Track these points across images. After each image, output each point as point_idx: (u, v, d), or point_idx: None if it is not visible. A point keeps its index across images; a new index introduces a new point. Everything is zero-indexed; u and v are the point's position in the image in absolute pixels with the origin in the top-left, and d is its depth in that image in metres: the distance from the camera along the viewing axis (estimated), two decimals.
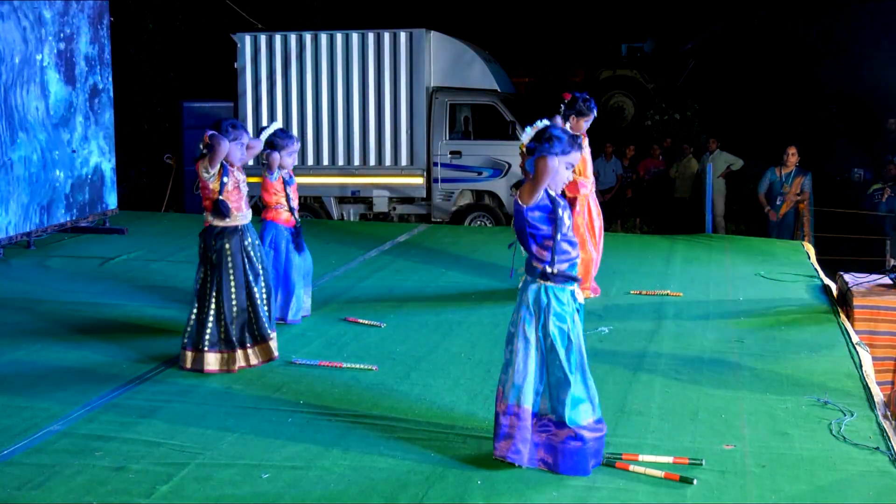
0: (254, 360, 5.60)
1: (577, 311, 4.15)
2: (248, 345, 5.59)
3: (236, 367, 5.51)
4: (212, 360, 5.49)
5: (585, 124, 7.19)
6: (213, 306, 5.51)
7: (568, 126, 7.11)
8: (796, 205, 10.94)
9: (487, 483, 4.00)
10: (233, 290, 5.53)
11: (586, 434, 4.04)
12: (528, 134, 4.11)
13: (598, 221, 7.42)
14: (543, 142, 4.02)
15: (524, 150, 4.14)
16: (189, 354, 5.53)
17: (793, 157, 11.05)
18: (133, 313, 6.93)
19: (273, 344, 5.68)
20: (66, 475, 4.08)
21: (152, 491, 3.92)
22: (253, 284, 5.58)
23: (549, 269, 4.03)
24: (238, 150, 5.58)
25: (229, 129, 5.51)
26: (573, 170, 4.21)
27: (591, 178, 7.39)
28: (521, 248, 4.14)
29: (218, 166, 5.47)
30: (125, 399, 5.07)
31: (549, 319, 4.04)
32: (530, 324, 4.08)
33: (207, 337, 5.48)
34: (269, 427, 4.64)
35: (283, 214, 6.51)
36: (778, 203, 11.04)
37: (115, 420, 4.74)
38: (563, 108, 7.14)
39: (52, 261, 8.93)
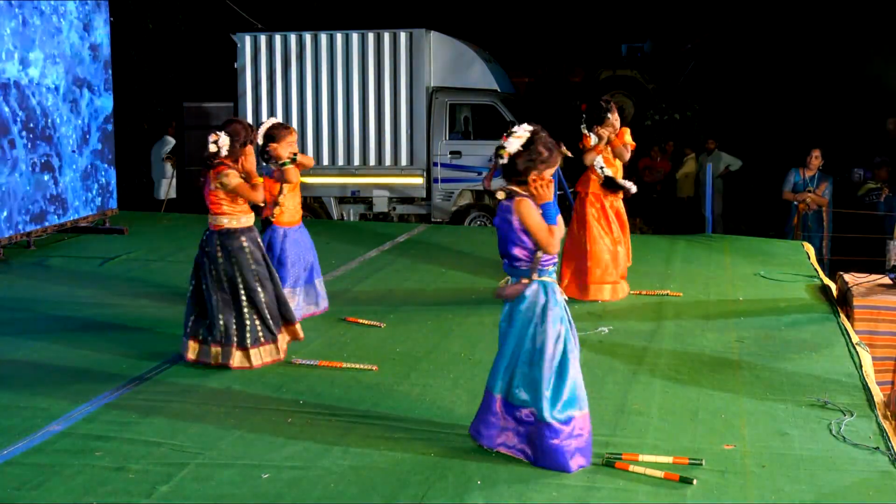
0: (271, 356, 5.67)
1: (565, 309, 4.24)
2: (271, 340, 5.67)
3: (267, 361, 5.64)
4: (260, 354, 5.62)
5: (610, 128, 7.31)
6: (244, 304, 5.57)
7: (594, 137, 7.27)
8: (820, 208, 10.93)
9: (487, 483, 4.00)
10: (259, 286, 5.60)
11: (564, 431, 4.07)
12: (512, 143, 4.11)
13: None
14: (528, 153, 4.08)
15: (505, 156, 4.14)
16: (237, 353, 5.57)
17: (816, 160, 11.00)
18: (133, 313, 6.93)
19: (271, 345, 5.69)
20: (66, 475, 4.08)
21: (152, 491, 3.92)
22: (265, 283, 5.64)
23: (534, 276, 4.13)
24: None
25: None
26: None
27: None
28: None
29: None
30: (125, 399, 5.07)
31: (547, 315, 4.09)
32: (522, 316, 4.13)
33: (255, 333, 5.58)
34: (269, 427, 4.64)
35: (285, 216, 6.51)
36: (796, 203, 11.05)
37: (115, 420, 4.74)
38: (583, 121, 7.30)
39: (52, 261, 8.93)
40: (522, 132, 4.12)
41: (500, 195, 4.16)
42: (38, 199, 9.42)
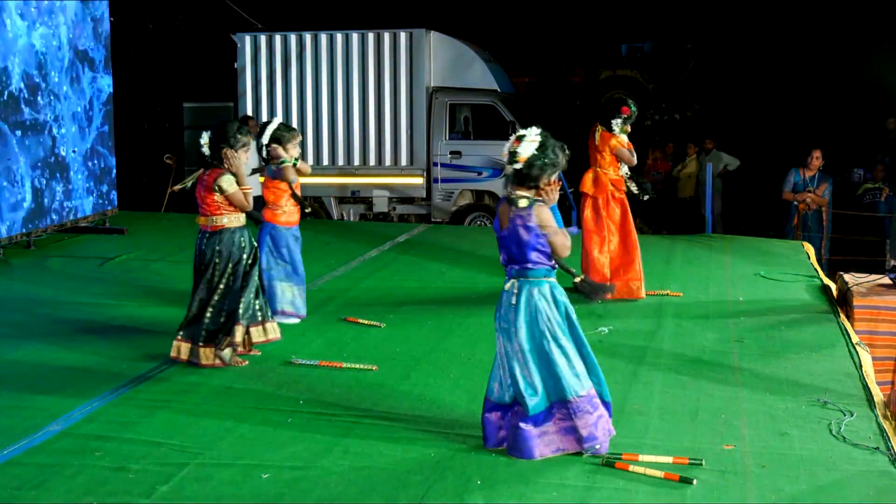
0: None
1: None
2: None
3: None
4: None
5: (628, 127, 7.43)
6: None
7: (619, 130, 7.35)
8: (820, 208, 10.92)
9: (487, 483, 4.00)
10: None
11: (531, 423, 4.17)
12: (527, 147, 4.13)
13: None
14: (542, 159, 4.12)
15: (521, 161, 4.15)
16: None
17: (816, 160, 10.98)
18: (133, 313, 6.93)
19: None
20: (66, 475, 4.08)
21: (152, 491, 3.92)
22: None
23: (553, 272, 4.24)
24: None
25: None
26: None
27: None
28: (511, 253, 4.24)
29: None
30: (125, 399, 5.07)
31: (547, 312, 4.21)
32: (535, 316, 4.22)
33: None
34: (269, 427, 4.64)
35: (283, 216, 6.54)
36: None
37: (115, 420, 4.74)
38: (621, 120, 7.33)
39: (52, 261, 8.93)
40: (534, 136, 4.12)
41: (523, 203, 4.15)
42: (39, 181, 9.39)
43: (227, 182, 5.45)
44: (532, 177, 4.13)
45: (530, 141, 4.12)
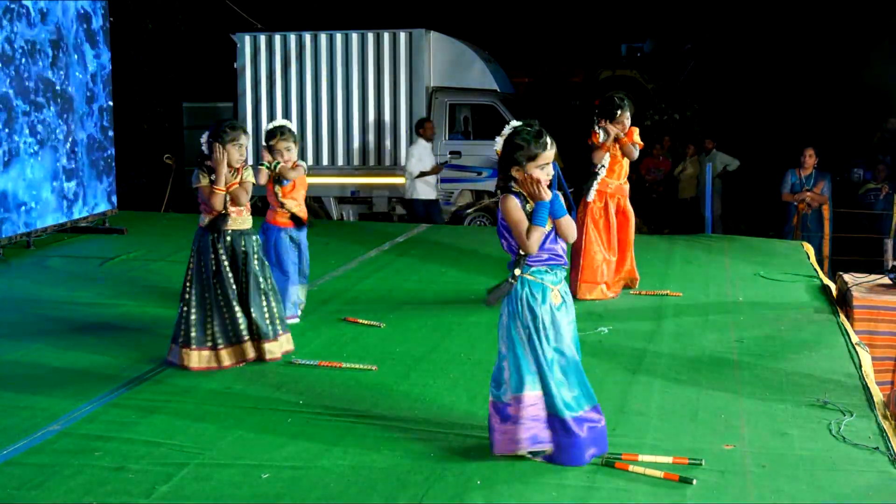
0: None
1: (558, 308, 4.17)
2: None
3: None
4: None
5: (620, 125, 7.26)
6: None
7: (602, 133, 7.27)
8: (820, 207, 10.91)
9: (487, 483, 4.00)
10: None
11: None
12: (498, 142, 4.18)
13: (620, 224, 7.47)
14: (507, 148, 4.11)
15: (497, 154, 4.22)
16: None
17: (809, 158, 10.98)
18: (133, 313, 6.93)
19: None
20: (65, 475, 4.08)
21: (152, 491, 3.92)
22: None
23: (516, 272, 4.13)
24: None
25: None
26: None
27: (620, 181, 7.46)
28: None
29: None
30: (125, 399, 5.07)
31: (520, 311, 4.13)
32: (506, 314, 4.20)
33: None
34: (269, 427, 4.64)
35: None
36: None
37: (115, 420, 4.74)
38: (595, 118, 7.30)
39: (52, 261, 8.93)
40: (507, 129, 4.17)
41: (499, 192, 4.20)
42: (38, 196, 9.41)
43: (197, 176, 5.44)
44: (502, 167, 4.16)
45: (501, 135, 4.18)
